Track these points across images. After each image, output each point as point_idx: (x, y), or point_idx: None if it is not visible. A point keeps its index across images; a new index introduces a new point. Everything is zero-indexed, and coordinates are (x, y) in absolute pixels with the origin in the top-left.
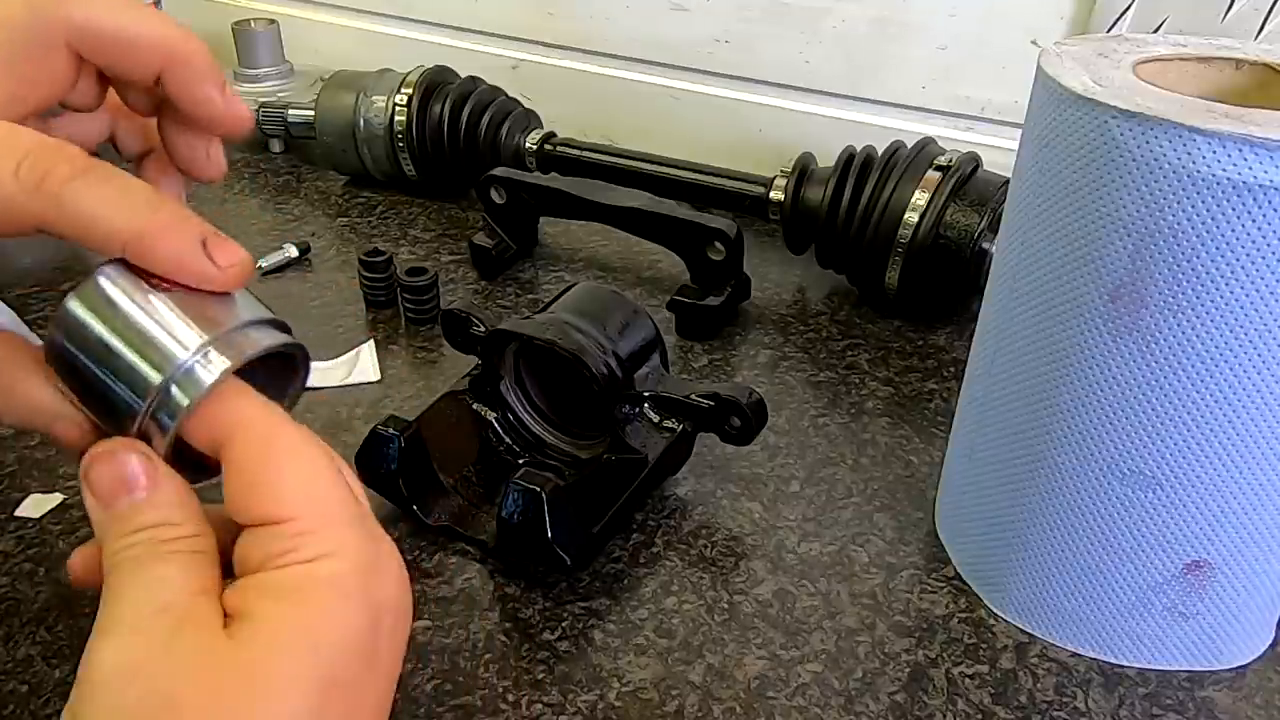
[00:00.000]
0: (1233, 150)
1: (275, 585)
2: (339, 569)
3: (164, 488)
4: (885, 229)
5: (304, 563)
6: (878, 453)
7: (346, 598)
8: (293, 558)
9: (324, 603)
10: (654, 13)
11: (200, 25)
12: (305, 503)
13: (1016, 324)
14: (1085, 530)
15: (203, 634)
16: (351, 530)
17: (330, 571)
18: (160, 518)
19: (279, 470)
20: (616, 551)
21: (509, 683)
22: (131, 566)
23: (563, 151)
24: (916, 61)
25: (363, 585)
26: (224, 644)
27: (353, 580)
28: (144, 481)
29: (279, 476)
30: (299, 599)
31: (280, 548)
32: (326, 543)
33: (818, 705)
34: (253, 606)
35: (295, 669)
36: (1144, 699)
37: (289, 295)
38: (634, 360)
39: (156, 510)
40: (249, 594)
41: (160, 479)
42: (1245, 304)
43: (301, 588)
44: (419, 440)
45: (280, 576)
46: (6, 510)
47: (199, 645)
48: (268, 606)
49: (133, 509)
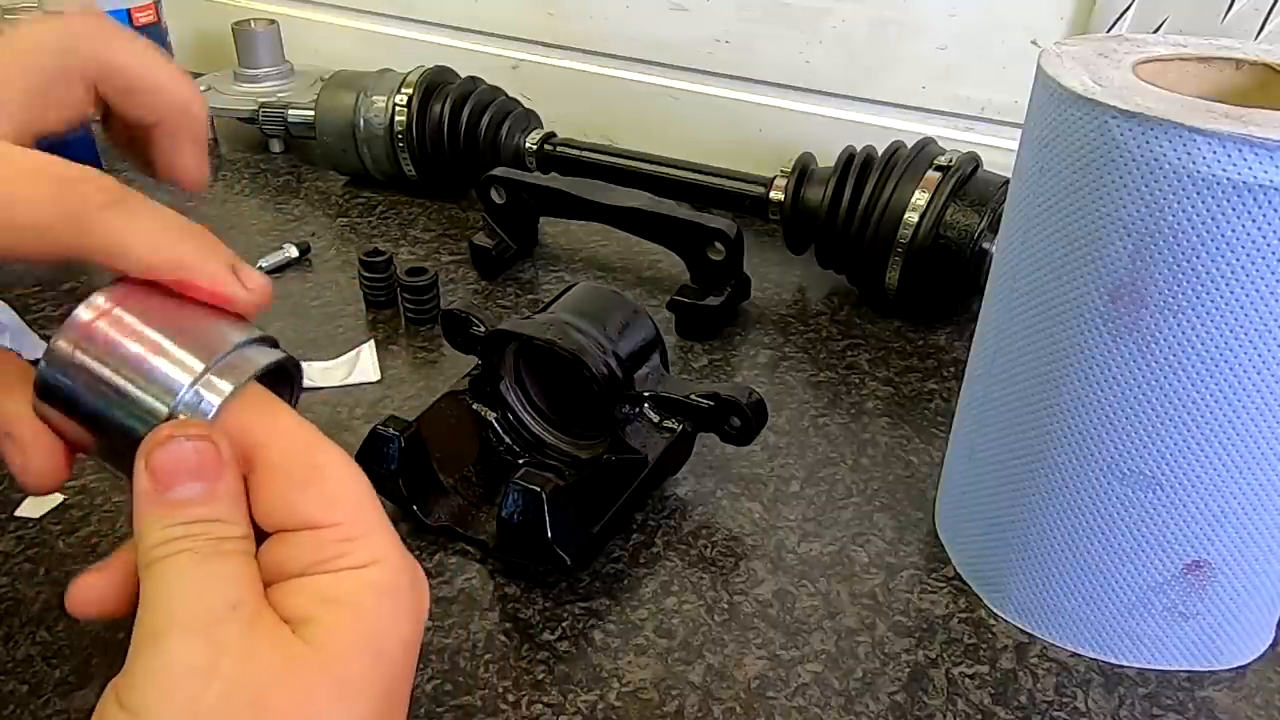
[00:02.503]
0: (1233, 150)
1: (332, 591)
2: (389, 578)
3: (228, 481)
4: (885, 229)
5: (356, 569)
6: (878, 453)
7: (401, 606)
8: (344, 563)
9: (384, 611)
10: (654, 13)
11: (200, 25)
12: (350, 507)
13: (1016, 324)
14: (1085, 530)
15: (279, 636)
16: (391, 538)
17: (381, 579)
18: (219, 512)
19: (320, 473)
20: (616, 551)
21: (509, 683)
22: (191, 560)
23: (563, 151)
24: (916, 61)
25: (411, 595)
26: (304, 649)
27: (404, 588)
28: (210, 471)
29: (322, 480)
30: (362, 607)
31: (329, 553)
32: (373, 549)
33: (818, 705)
34: (314, 612)
35: (369, 673)
36: (1144, 699)
37: (289, 295)
38: (634, 360)
39: (219, 504)
40: (304, 599)
41: (226, 472)
42: (1245, 304)
43: (361, 595)
44: (419, 440)
45: (335, 582)
46: (6, 510)
47: (280, 648)
48: (331, 612)
49: (193, 498)
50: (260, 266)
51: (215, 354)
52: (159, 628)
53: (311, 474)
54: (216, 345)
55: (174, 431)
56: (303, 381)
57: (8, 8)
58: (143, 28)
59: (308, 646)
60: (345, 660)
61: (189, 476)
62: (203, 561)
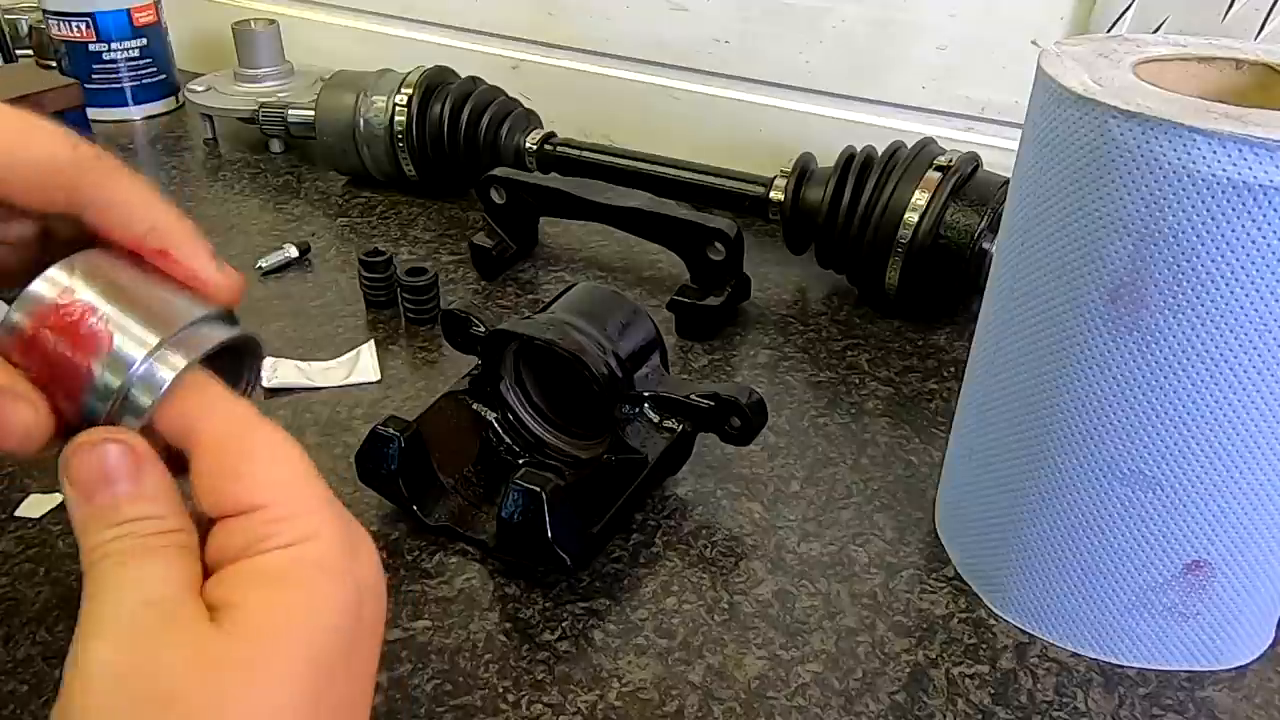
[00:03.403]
0: (1232, 150)
1: (259, 572)
2: (321, 551)
3: (148, 480)
4: (885, 229)
5: (285, 547)
6: (878, 453)
7: (331, 578)
8: (273, 543)
9: (310, 584)
10: (654, 13)
11: (200, 25)
12: (279, 488)
13: (1016, 324)
14: (1085, 530)
15: (193, 628)
16: (328, 512)
17: (313, 554)
18: (144, 511)
19: (250, 458)
20: (616, 551)
21: (509, 683)
22: (115, 562)
23: (563, 151)
24: (916, 61)
25: (345, 565)
26: (216, 637)
27: (336, 561)
28: (127, 473)
29: (251, 464)
30: (285, 583)
31: (259, 534)
32: (305, 526)
33: (818, 705)
34: (238, 596)
35: (289, 655)
36: (1144, 699)
37: (289, 295)
38: (634, 360)
39: (140, 504)
40: (232, 583)
41: (144, 471)
42: (1245, 304)
43: (286, 572)
44: (419, 440)
45: (263, 563)
46: (6, 510)
47: (191, 640)
48: (254, 594)
49: (115, 502)
50: (260, 266)
51: (170, 330)
52: (83, 632)
53: (242, 458)
54: (172, 321)
55: (88, 439)
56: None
57: (8, 8)
58: (143, 28)
59: (222, 635)
60: (263, 643)
61: (109, 481)
62: (124, 563)
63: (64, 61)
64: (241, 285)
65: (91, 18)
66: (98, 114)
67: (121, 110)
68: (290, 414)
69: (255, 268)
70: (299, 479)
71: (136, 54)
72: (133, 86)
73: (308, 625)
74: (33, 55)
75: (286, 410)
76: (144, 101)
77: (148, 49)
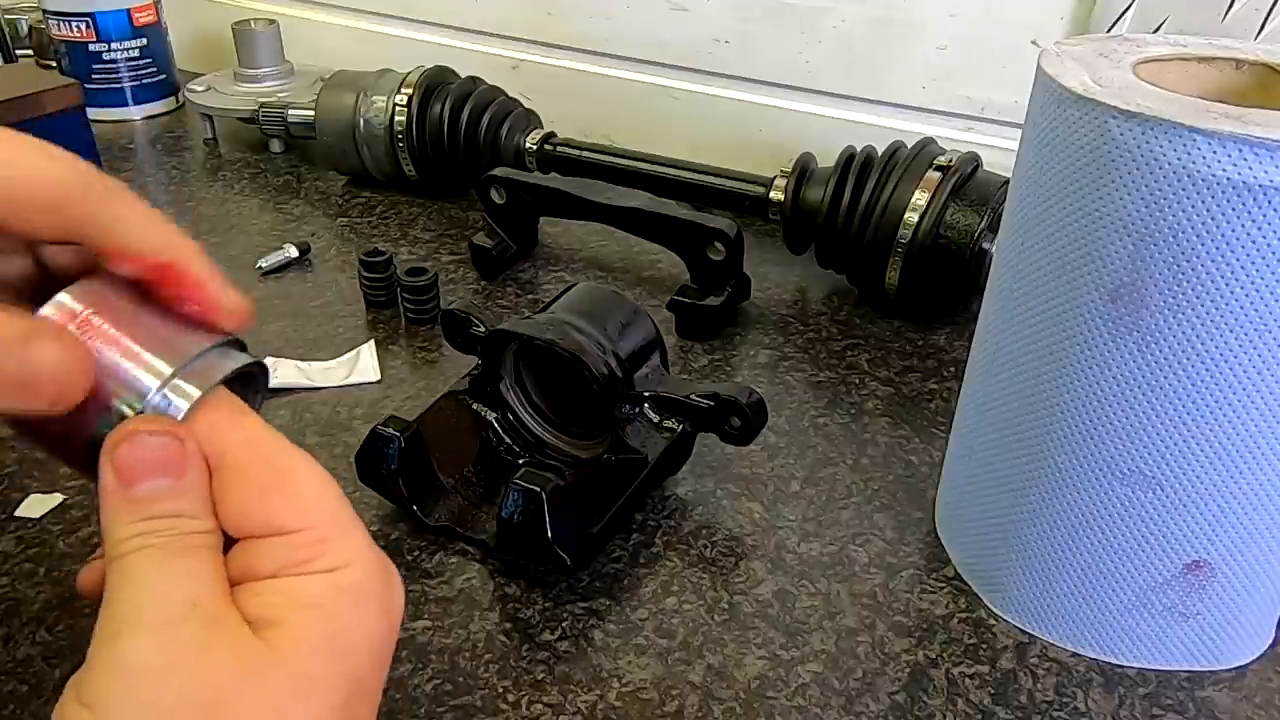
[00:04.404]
0: (1232, 150)
1: (301, 592)
2: (360, 579)
3: (192, 476)
4: (885, 229)
5: (326, 572)
6: (878, 453)
7: (370, 608)
8: (314, 566)
9: (351, 612)
10: (654, 13)
11: (200, 25)
12: (321, 512)
13: (1016, 324)
14: (1085, 530)
15: (239, 635)
16: (363, 540)
17: (353, 581)
18: (185, 507)
19: (294, 479)
20: (616, 551)
21: (509, 683)
22: (155, 556)
23: (563, 151)
24: (916, 61)
25: (381, 596)
26: (262, 649)
27: (373, 591)
28: (175, 467)
29: (295, 486)
30: (329, 609)
31: (299, 556)
32: (344, 552)
33: (818, 705)
34: (276, 614)
35: (334, 676)
36: (1144, 699)
37: (289, 295)
38: (634, 360)
39: (182, 499)
40: (269, 600)
41: (191, 468)
42: (1245, 304)
43: (329, 597)
44: (419, 440)
45: (304, 584)
46: (6, 510)
47: (238, 647)
48: (296, 615)
49: (156, 494)
50: (260, 266)
51: (184, 358)
52: (120, 624)
53: (280, 478)
54: (185, 349)
55: (138, 427)
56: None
57: (8, 8)
58: (143, 28)
59: (268, 647)
60: (307, 661)
61: (154, 472)
62: (166, 558)
63: (64, 61)
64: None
65: (91, 18)
66: (98, 114)
67: (121, 110)
68: (290, 414)
69: (255, 268)
70: (337, 502)
71: (136, 54)
72: (133, 86)
73: (345, 648)
74: (33, 55)
75: (286, 410)
76: (144, 101)
77: (148, 49)
